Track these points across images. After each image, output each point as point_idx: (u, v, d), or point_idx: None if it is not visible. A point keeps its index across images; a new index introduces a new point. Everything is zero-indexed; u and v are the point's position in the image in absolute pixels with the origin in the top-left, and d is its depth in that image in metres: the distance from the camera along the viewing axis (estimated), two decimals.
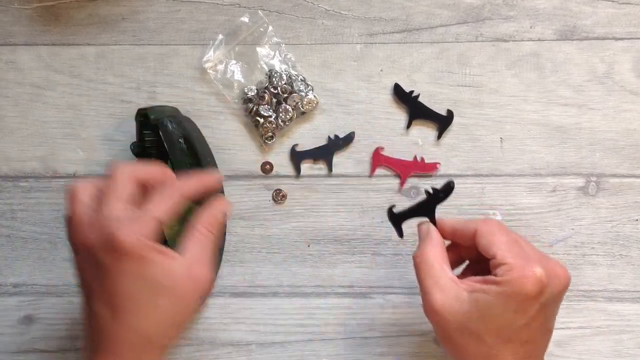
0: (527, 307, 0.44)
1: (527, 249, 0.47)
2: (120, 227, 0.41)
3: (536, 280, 0.44)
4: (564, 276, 0.46)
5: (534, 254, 0.47)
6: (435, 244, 0.49)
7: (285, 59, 0.61)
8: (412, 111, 0.61)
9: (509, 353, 0.45)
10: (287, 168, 0.62)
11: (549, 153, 0.61)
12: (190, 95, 0.61)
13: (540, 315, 0.45)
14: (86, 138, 0.61)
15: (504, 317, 0.44)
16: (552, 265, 0.46)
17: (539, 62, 0.61)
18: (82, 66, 0.61)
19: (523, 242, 0.48)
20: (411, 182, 0.61)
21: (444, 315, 0.46)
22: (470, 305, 0.45)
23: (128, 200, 0.43)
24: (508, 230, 0.48)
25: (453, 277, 0.47)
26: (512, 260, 0.45)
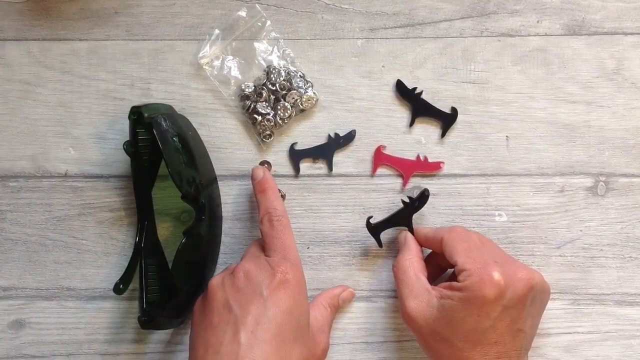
0: (489, 310, 0.48)
1: (491, 254, 0.51)
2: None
3: (493, 283, 0.48)
4: (526, 278, 0.49)
5: (497, 259, 0.50)
6: (412, 253, 0.54)
7: (284, 54, 0.61)
8: (415, 109, 0.61)
9: (478, 355, 0.48)
10: (286, 167, 0.61)
11: (557, 152, 0.61)
12: (185, 92, 0.61)
13: (505, 316, 0.48)
14: (78, 136, 0.61)
15: (469, 321, 0.48)
16: (514, 269, 0.50)
17: (546, 57, 0.61)
18: (74, 62, 0.61)
19: (490, 247, 0.52)
20: (414, 182, 0.61)
21: (417, 322, 0.51)
22: (439, 311, 0.49)
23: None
24: (472, 237, 0.52)
25: (426, 285, 0.51)
26: (471, 266, 0.49)
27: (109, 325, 0.60)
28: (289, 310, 0.48)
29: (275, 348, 0.46)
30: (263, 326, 0.46)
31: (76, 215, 0.61)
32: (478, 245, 0.52)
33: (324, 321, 0.54)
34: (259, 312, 0.47)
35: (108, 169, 0.61)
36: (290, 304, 0.48)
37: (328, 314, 0.55)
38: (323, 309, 0.55)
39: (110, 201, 0.61)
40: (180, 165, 0.55)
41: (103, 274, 0.61)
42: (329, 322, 0.55)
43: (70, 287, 0.61)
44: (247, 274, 0.49)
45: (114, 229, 0.61)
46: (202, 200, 0.55)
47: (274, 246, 0.51)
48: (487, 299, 0.48)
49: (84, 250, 0.61)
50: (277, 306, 0.47)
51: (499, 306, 0.48)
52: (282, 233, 0.51)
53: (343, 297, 0.57)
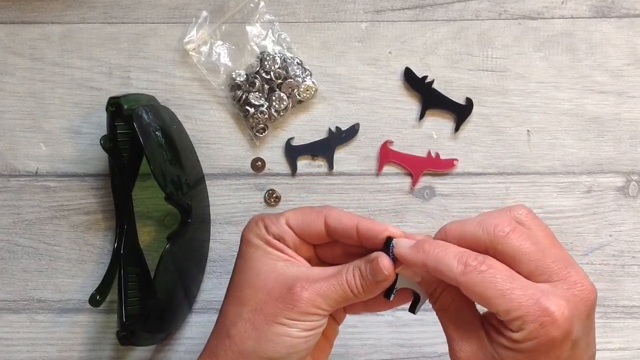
0: (558, 354, 0.43)
1: (545, 270, 0.44)
2: None
3: (557, 323, 0.42)
4: (587, 294, 0.43)
5: (547, 273, 0.44)
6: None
7: (280, 39, 0.61)
8: (425, 100, 0.61)
9: None
10: (282, 165, 0.61)
11: (584, 148, 0.61)
12: (169, 81, 0.61)
13: (576, 350, 0.43)
14: (50, 131, 0.61)
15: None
16: (568, 286, 0.43)
17: (572, 42, 0.61)
18: (45, 48, 0.61)
19: (541, 255, 0.44)
20: (425, 182, 0.61)
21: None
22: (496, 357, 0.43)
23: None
24: (499, 263, 0.44)
25: (476, 316, 0.45)
26: (521, 311, 0.42)
27: (84, 341, 0.60)
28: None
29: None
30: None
31: (48, 219, 0.61)
32: (536, 257, 0.43)
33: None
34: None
35: (83, 166, 0.61)
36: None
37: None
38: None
39: (85, 203, 0.61)
40: (164, 162, 0.55)
41: (77, 284, 0.61)
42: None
43: (41, 298, 0.60)
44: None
45: (90, 234, 0.61)
46: (188, 201, 0.55)
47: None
48: (555, 343, 0.42)
49: (56, 258, 0.61)
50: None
51: (568, 342, 0.42)
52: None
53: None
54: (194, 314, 0.61)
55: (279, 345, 0.46)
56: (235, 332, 0.47)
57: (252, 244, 0.48)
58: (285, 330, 0.45)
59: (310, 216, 0.48)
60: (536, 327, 0.41)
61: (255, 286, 0.47)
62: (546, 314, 0.41)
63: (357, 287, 0.46)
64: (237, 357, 0.46)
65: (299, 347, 0.46)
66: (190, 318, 0.61)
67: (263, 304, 0.46)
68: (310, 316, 0.46)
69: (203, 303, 0.61)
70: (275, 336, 0.46)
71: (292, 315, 0.45)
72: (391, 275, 0.45)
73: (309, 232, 0.48)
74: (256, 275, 0.47)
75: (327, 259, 0.50)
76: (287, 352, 0.46)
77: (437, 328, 0.59)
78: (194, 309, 0.61)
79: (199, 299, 0.61)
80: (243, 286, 0.48)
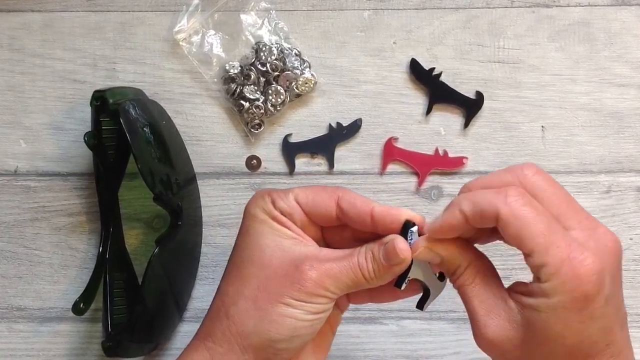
0: (593, 310, 0.42)
1: (569, 221, 0.44)
2: None
3: (591, 274, 0.41)
4: (613, 243, 0.44)
5: (576, 221, 0.44)
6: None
7: (276, 28, 0.61)
8: (432, 93, 0.61)
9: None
10: (279, 164, 0.61)
11: (602, 145, 0.61)
12: (158, 73, 0.61)
13: (610, 307, 0.43)
14: (30, 126, 0.61)
15: (571, 334, 0.42)
16: (597, 234, 0.44)
17: (589, 32, 0.61)
18: (25, 38, 0.61)
19: (564, 205, 0.45)
20: (432, 181, 0.61)
21: (502, 347, 0.44)
22: (526, 329, 0.43)
23: None
24: (537, 210, 0.43)
25: (501, 290, 0.45)
26: (555, 257, 0.42)
27: (67, 352, 0.60)
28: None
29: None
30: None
31: (28, 221, 0.61)
32: (556, 208, 0.44)
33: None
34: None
35: (66, 165, 0.61)
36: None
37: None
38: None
39: (68, 204, 0.61)
40: (152, 160, 0.54)
41: (60, 291, 0.60)
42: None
43: (20, 306, 0.60)
44: None
45: (73, 237, 0.61)
46: (178, 202, 0.55)
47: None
48: (589, 297, 0.41)
49: (37, 263, 0.61)
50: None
51: (602, 298, 0.42)
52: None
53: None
54: (184, 323, 0.61)
55: (282, 326, 0.45)
56: (235, 311, 0.46)
57: (257, 218, 0.48)
58: (290, 311, 0.45)
59: (321, 196, 0.48)
60: (570, 277, 0.41)
61: (259, 263, 0.47)
62: (580, 264, 0.41)
63: (368, 271, 0.46)
64: (237, 338, 0.46)
65: (302, 330, 0.46)
66: (181, 327, 0.61)
67: (267, 282, 0.46)
68: (317, 298, 0.45)
69: (194, 311, 0.61)
70: (279, 317, 0.45)
71: (298, 296, 0.45)
72: (407, 259, 0.45)
73: (318, 212, 0.48)
74: (260, 252, 0.47)
75: (334, 242, 0.50)
76: (290, 334, 0.45)
77: (444, 338, 0.60)
78: (185, 317, 0.61)
79: (190, 307, 0.61)
80: (246, 263, 0.47)
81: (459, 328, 0.60)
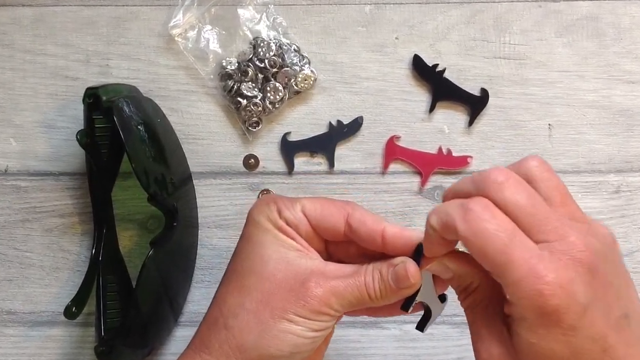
0: (573, 321, 0.41)
1: (542, 229, 0.42)
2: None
3: (557, 287, 0.40)
4: (588, 253, 0.41)
5: (551, 238, 0.42)
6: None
7: (275, 23, 0.61)
8: (436, 90, 0.61)
9: None
10: (277, 163, 0.61)
11: (611, 143, 0.61)
12: (153, 69, 0.61)
13: (592, 313, 0.42)
14: (21, 124, 0.61)
15: (559, 347, 0.42)
16: (571, 248, 0.42)
17: (598, 27, 0.61)
18: (16, 33, 0.61)
19: (541, 211, 0.43)
20: (435, 181, 0.61)
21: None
22: (523, 353, 0.43)
23: None
24: (497, 223, 0.42)
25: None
26: (514, 277, 0.41)
27: (58, 357, 0.60)
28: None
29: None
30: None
31: (18, 222, 0.61)
32: (531, 216, 0.42)
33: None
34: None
35: (58, 164, 0.61)
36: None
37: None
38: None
39: (60, 204, 0.61)
40: (147, 160, 0.54)
41: (51, 294, 0.60)
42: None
43: (11, 310, 0.60)
44: None
45: (65, 239, 0.61)
46: (173, 202, 0.55)
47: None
48: (560, 310, 0.41)
49: (28, 265, 0.61)
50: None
51: (577, 309, 0.41)
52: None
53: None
54: (179, 327, 0.61)
55: (284, 343, 0.45)
56: (234, 323, 0.46)
57: (261, 226, 0.47)
58: (293, 327, 0.45)
59: (330, 210, 0.47)
60: (532, 295, 0.40)
61: (262, 275, 0.46)
62: (542, 282, 0.40)
63: (375, 291, 0.46)
64: (235, 351, 0.46)
65: (303, 347, 0.45)
66: (176, 332, 0.61)
67: (270, 296, 0.45)
68: (321, 315, 0.45)
69: (190, 315, 0.61)
70: (280, 332, 0.45)
71: (302, 312, 0.45)
72: (417, 284, 0.45)
73: (325, 226, 0.47)
74: (263, 263, 0.46)
75: (338, 256, 0.49)
76: (291, 351, 0.45)
77: (447, 343, 0.60)
78: (180, 321, 0.61)
79: (186, 311, 0.61)
80: (247, 273, 0.47)
81: (462, 333, 0.60)
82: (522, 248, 0.41)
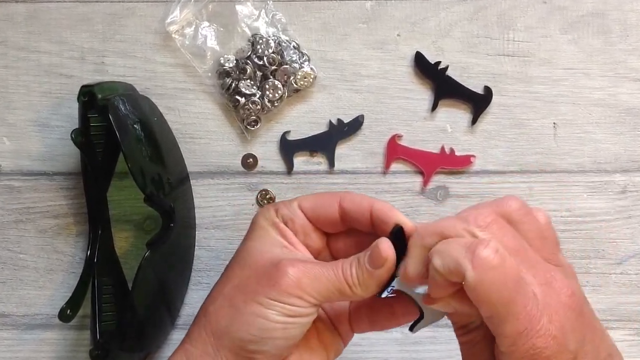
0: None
1: (529, 271, 0.44)
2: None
3: (551, 339, 0.41)
4: (572, 295, 0.43)
5: (537, 282, 0.43)
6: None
7: (274, 20, 0.61)
8: (438, 88, 0.61)
9: None
10: (276, 162, 0.61)
11: (617, 142, 0.61)
12: (149, 67, 0.61)
13: (583, 355, 0.43)
14: (14, 123, 0.61)
15: None
16: (558, 294, 0.43)
17: (604, 24, 0.61)
18: (9, 30, 0.61)
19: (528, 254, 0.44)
20: (438, 181, 0.61)
21: None
22: None
23: None
24: (506, 273, 0.42)
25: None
26: (512, 330, 0.41)
27: None
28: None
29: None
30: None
31: (12, 223, 0.61)
32: (519, 274, 0.42)
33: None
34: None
35: (52, 164, 0.61)
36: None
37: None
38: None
39: (54, 205, 0.61)
40: (143, 159, 0.54)
41: (46, 297, 0.61)
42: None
43: (4, 312, 0.61)
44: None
45: (60, 240, 0.61)
46: (170, 203, 0.55)
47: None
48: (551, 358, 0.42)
49: (21, 267, 0.61)
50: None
51: (567, 356, 0.42)
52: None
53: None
54: (177, 330, 0.61)
55: (253, 326, 0.45)
56: (212, 309, 0.47)
57: (257, 225, 0.50)
58: (262, 311, 0.45)
59: (324, 198, 0.50)
60: (527, 348, 0.41)
61: (244, 264, 0.48)
62: (536, 334, 0.41)
63: (351, 276, 0.46)
64: (210, 337, 0.46)
65: (274, 333, 0.45)
66: (173, 335, 0.61)
67: (246, 280, 0.47)
68: (292, 298, 0.45)
69: (187, 318, 0.61)
70: (250, 316, 0.45)
71: (273, 295, 0.45)
72: (390, 262, 0.45)
73: (322, 215, 0.49)
74: (248, 254, 0.48)
75: (339, 251, 0.50)
76: (261, 335, 0.45)
77: (450, 346, 0.61)
78: (177, 324, 0.61)
79: (183, 314, 0.61)
80: (233, 265, 0.49)
81: None
82: (524, 298, 0.42)
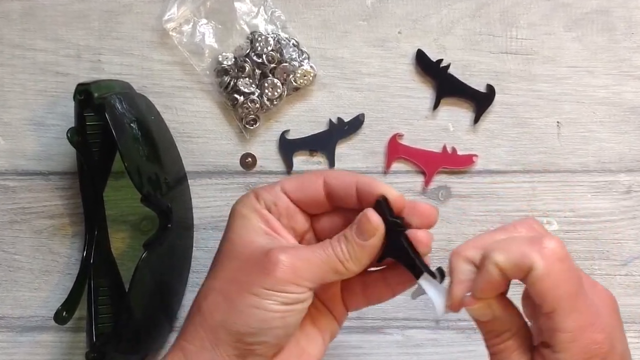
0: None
1: (589, 290, 0.45)
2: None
3: (606, 338, 0.43)
4: (613, 299, 0.46)
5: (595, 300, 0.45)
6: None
7: (273, 17, 0.61)
8: (440, 87, 0.61)
9: None
10: (275, 162, 0.61)
11: (622, 142, 0.61)
12: (146, 65, 0.61)
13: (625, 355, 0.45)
14: (9, 122, 0.61)
15: None
16: (603, 296, 0.46)
17: (608, 21, 0.61)
18: (4, 27, 0.61)
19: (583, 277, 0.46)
20: (439, 181, 0.61)
21: None
22: None
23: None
24: (571, 267, 0.43)
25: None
26: (574, 325, 0.42)
27: None
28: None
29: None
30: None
31: (7, 223, 0.61)
32: (579, 280, 0.44)
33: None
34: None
35: (48, 163, 0.61)
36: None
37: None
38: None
39: (50, 205, 0.61)
40: (140, 158, 0.54)
41: (41, 298, 0.61)
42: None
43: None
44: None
45: (55, 241, 0.61)
46: (167, 203, 0.55)
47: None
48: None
49: (16, 268, 0.61)
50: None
51: (618, 357, 0.44)
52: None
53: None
54: (174, 332, 0.60)
55: (250, 318, 0.45)
56: (205, 305, 0.47)
57: (238, 214, 0.49)
58: (258, 301, 0.45)
59: (308, 178, 0.49)
60: (585, 345, 0.43)
61: (230, 256, 0.47)
62: (597, 329, 0.43)
63: (343, 253, 0.46)
64: (207, 333, 0.46)
65: (273, 322, 0.45)
66: (170, 337, 0.60)
67: (237, 272, 0.46)
68: (289, 285, 0.45)
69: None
70: (246, 308, 0.45)
71: (268, 284, 0.45)
72: (378, 228, 0.46)
73: (307, 195, 0.49)
74: (232, 245, 0.48)
75: (324, 232, 0.50)
76: (259, 326, 0.45)
77: (453, 349, 0.61)
78: (175, 327, 0.61)
79: (180, 316, 0.61)
80: (219, 259, 0.48)
81: (468, 338, 0.60)
82: (584, 296, 0.43)
